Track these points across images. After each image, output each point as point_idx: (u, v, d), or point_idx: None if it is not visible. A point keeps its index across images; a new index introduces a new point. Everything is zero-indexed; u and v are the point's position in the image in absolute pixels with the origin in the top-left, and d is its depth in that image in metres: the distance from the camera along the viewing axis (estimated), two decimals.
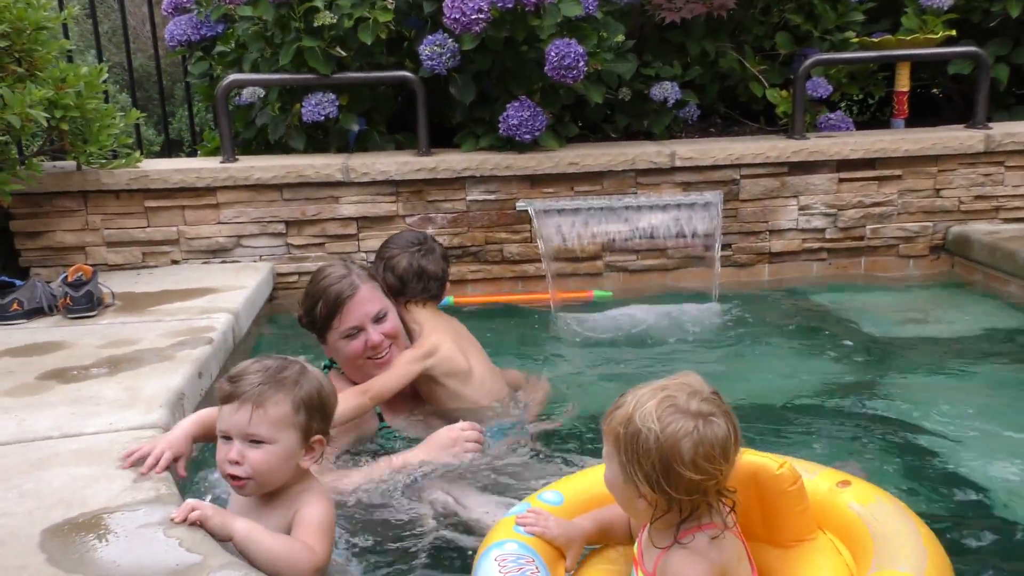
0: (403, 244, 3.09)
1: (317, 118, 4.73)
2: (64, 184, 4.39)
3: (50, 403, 2.68)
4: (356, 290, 2.76)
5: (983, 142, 4.72)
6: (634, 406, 1.64)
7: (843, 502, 1.93)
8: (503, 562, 1.81)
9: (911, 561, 1.73)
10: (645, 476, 1.61)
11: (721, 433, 1.62)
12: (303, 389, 2.01)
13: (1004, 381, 3.50)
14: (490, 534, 1.97)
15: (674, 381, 1.69)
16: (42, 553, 1.83)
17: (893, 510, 1.92)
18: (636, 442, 1.61)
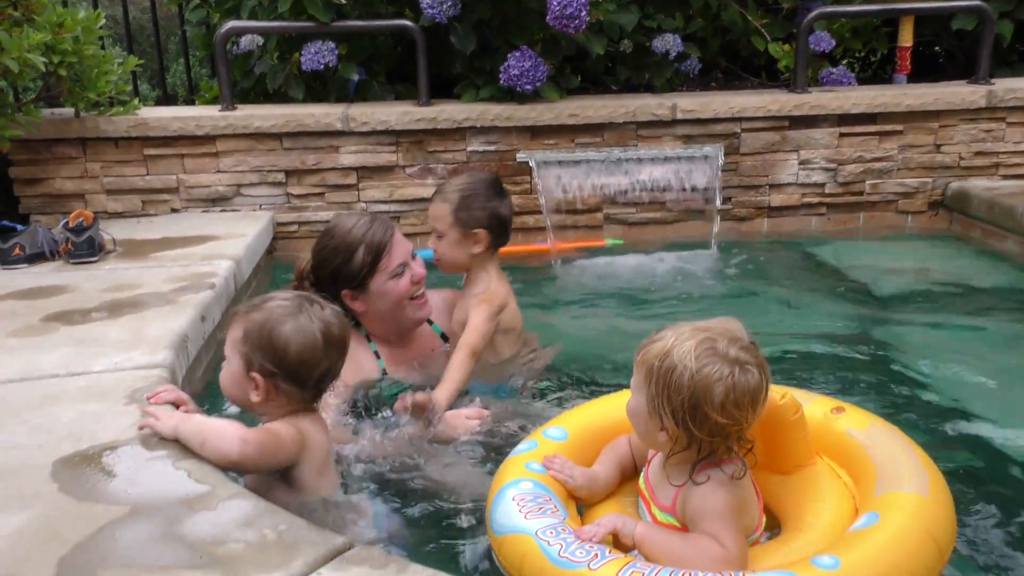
0: (482, 188, 2.93)
1: (316, 67, 4.69)
2: (63, 131, 4.37)
3: (55, 343, 2.69)
4: (392, 230, 2.76)
5: (985, 98, 4.71)
6: (673, 342, 1.67)
7: (839, 428, 1.99)
8: (521, 501, 1.81)
9: (914, 481, 1.78)
10: (672, 411, 1.65)
11: (754, 383, 1.65)
12: (254, 321, 2.03)
13: (999, 334, 3.53)
14: (501, 473, 1.98)
15: (716, 325, 1.71)
16: (54, 482, 1.86)
17: (889, 434, 1.97)
18: (669, 377, 1.64)
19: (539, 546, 1.67)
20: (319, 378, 2.08)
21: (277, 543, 1.62)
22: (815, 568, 1.55)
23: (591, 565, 1.59)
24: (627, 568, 1.57)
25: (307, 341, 2.02)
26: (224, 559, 1.57)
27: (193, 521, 1.70)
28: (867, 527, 1.67)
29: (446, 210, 2.86)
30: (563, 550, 1.63)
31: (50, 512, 1.75)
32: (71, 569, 1.55)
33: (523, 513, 1.77)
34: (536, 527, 1.72)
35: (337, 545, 1.61)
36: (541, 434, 2.09)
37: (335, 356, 2.09)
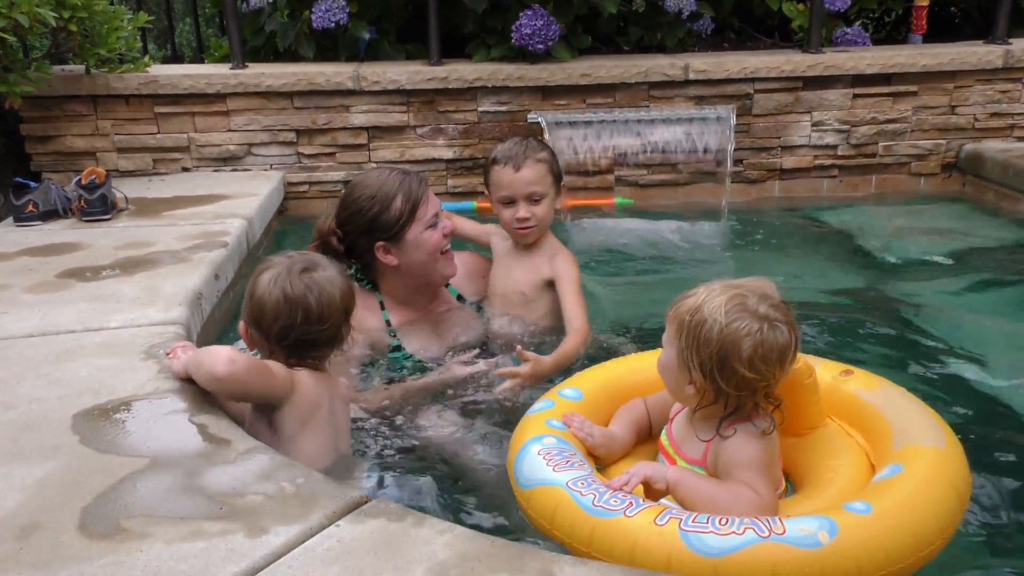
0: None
1: (327, 25, 4.66)
2: (73, 88, 4.36)
3: (71, 300, 2.72)
4: (425, 182, 2.71)
5: (1002, 58, 4.66)
6: (704, 298, 1.71)
7: (850, 390, 2.03)
8: (547, 455, 1.81)
9: (931, 435, 1.83)
10: (700, 364, 1.69)
11: (782, 340, 1.68)
12: (252, 286, 2.06)
13: (1011, 297, 3.53)
14: (520, 431, 1.98)
15: (749, 283, 1.75)
16: (75, 435, 1.89)
17: (899, 394, 2.01)
18: (699, 331, 1.68)
19: (572, 496, 1.67)
20: (279, 334, 2.01)
21: (296, 496, 1.64)
22: (848, 513, 1.59)
23: (627, 512, 1.60)
24: (664, 514, 1.59)
25: (265, 294, 2.01)
26: (243, 511, 1.60)
27: (212, 473, 1.73)
28: (892, 476, 1.71)
29: (544, 170, 2.77)
30: (596, 499, 1.64)
31: (72, 463, 1.78)
32: (94, 518, 1.59)
33: (551, 466, 1.77)
34: (566, 478, 1.72)
35: (355, 498, 1.63)
36: (556, 394, 2.10)
37: (297, 318, 1.98)
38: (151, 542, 1.51)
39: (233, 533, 1.53)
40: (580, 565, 1.44)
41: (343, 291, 2.06)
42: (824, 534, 1.52)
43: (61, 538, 1.53)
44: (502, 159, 2.74)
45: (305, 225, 4.54)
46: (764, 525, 1.54)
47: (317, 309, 1.99)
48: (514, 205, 2.75)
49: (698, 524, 1.55)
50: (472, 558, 1.44)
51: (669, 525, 1.56)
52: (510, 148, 2.76)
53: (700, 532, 1.54)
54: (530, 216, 2.75)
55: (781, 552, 1.50)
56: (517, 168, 2.72)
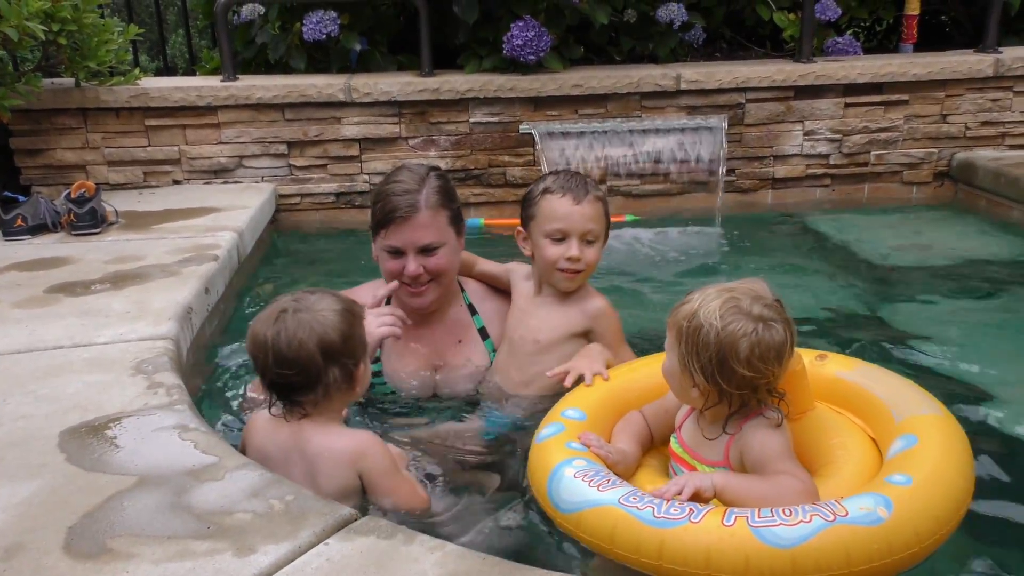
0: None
1: (318, 37, 4.66)
2: (63, 101, 4.34)
3: (59, 315, 2.69)
4: (414, 213, 2.39)
5: (992, 66, 4.67)
6: (700, 303, 1.75)
7: (829, 373, 2.09)
8: (585, 476, 1.76)
9: (926, 404, 1.93)
10: (701, 368, 1.72)
11: (778, 338, 1.72)
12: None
13: (1003, 305, 3.53)
14: (541, 457, 1.90)
15: (741, 285, 1.78)
16: (62, 453, 1.87)
17: (880, 371, 2.10)
18: (697, 336, 1.72)
19: (629, 513, 1.64)
20: (259, 373, 1.94)
21: (284, 513, 1.62)
22: (894, 486, 1.64)
23: (692, 519, 1.59)
24: (729, 514, 1.58)
25: (249, 332, 1.94)
26: (232, 529, 1.58)
27: (200, 491, 1.71)
28: (913, 447, 1.77)
29: (603, 210, 2.43)
30: (656, 511, 1.62)
31: (58, 482, 1.75)
32: (80, 538, 1.56)
33: (595, 487, 1.73)
34: (616, 496, 1.69)
35: (344, 515, 1.61)
36: (561, 415, 2.05)
37: (269, 360, 1.88)
38: (137, 562, 1.49)
39: (221, 552, 1.51)
40: None
41: (322, 335, 1.87)
42: (883, 509, 1.57)
43: (45, 559, 1.51)
44: (558, 188, 2.38)
45: (297, 236, 4.54)
46: (827, 509, 1.57)
47: (287, 352, 1.86)
48: (565, 242, 2.38)
49: (765, 518, 1.56)
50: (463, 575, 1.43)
51: (738, 524, 1.57)
52: (567, 179, 2.41)
53: (770, 526, 1.55)
54: (582, 257, 2.39)
55: (849, 533, 1.54)
56: (578, 201, 2.36)
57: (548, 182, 2.44)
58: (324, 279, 3.90)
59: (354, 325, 1.96)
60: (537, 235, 2.43)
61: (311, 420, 1.93)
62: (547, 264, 2.42)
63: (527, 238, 2.48)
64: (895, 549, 1.56)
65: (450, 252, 2.50)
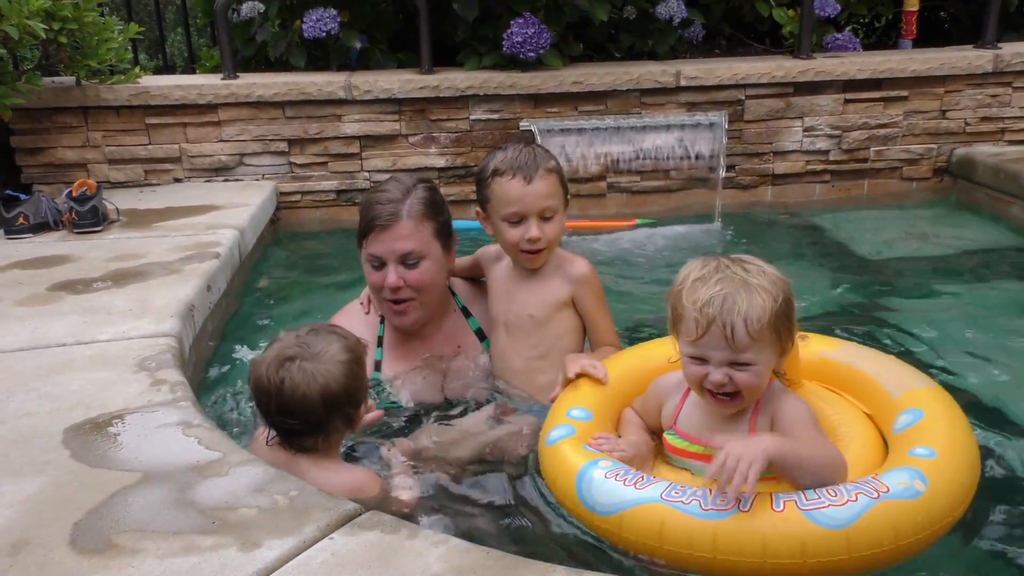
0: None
1: (318, 34, 4.66)
2: (64, 99, 4.35)
3: (62, 312, 2.70)
4: (395, 222, 2.37)
5: (991, 62, 4.67)
6: (757, 285, 1.74)
7: (812, 352, 2.12)
8: (617, 476, 1.73)
9: (918, 378, 1.98)
10: (791, 331, 1.79)
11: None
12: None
13: (1003, 300, 3.53)
14: (559, 462, 1.85)
15: (725, 260, 1.81)
16: (66, 449, 1.87)
17: (863, 349, 2.15)
18: (790, 305, 1.76)
19: (676, 508, 1.62)
20: (262, 415, 1.98)
21: (289, 508, 1.63)
22: (922, 459, 1.69)
23: (742, 508, 1.59)
24: (777, 500, 1.59)
25: (252, 376, 1.96)
26: (236, 524, 1.59)
27: (205, 487, 1.72)
28: (921, 420, 1.83)
29: (556, 181, 2.35)
30: (703, 504, 1.61)
31: (63, 478, 1.76)
32: (85, 534, 1.57)
33: (632, 485, 1.69)
34: (658, 492, 1.66)
35: (348, 511, 1.62)
36: (566, 416, 2.00)
37: (272, 407, 1.91)
38: (143, 557, 1.50)
39: (226, 547, 1.52)
40: (575, 574, 1.43)
41: (326, 385, 1.89)
42: (919, 483, 1.62)
43: (52, 554, 1.52)
44: (507, 169, 2.31)
45: (298, 234, 4.55)
46: (869, 487, 1.61)
47: (290, 403, 1.88)
48: (523, 223, 2.33)
49: (813, 501, 1.58)
50: (467, 570, 1.43)
51: (789, 509, 1.58)
52: (515, 157, 2.33)
53: (820, 508, 1.57)
54: (541, 236, 2.33)
55: (895, 508, 1.58)
56: (528, 180, 2.29)
57: (497, 161, 2.35)
58: (324, 276, 3.90)
59: (358, 375, 1.97)
60: (495, 218, 2.38)
61: (308, 456, 1.95)
62: (509, 246, 2.39)
63: (487, 219, 2.43)
64: (935, 519, 1.61)
65: (434, 266, 2.43)
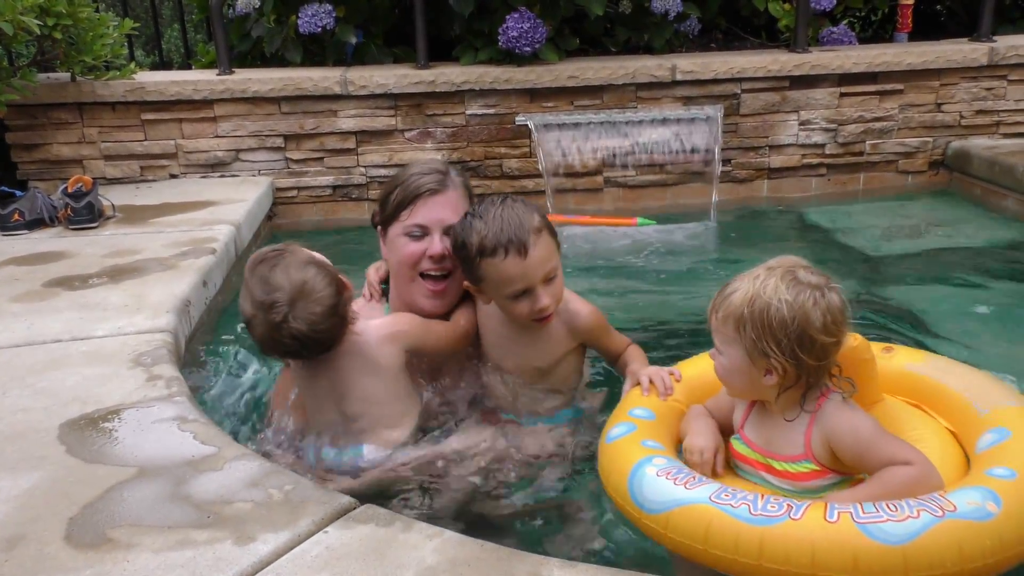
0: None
1: (314, 30, 4.65)
2: (59, 95, 4.34)
3: (57, 308, 2.71)
4: (444, 189, 2.27)
5: (986, 55, 4.68)
6: (755, 286, 1.70)
7: (898, 366, 2.04)
8: (669, 475, 1.68)
9: (1010, 396, 1.87)
10: (778, 345, 1.67)
11: (839, 300, 1.71)
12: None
13: (998, 293, 3.54)
14: (615, 457, 1.81)
15: (779, 262, 1.76)
16: (61, 445, 1.88)
17: (951, 363, 2.04)
18: (767, 316, 1.67)
19: (723, 511, 1.56)
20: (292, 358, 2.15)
21: (284, 502, 1.64)
22: (998, 480, 1.59)
23: (792, 516, 1.52)
24: (831, 510, 1.52)
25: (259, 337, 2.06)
26: (231, 518, 1.59)
27: (200, 481, 1.72)
28: (1007, 440, 1.72)
29: (548, 237, 2.14)
30: (752, 508, 1.55)
31: (58, 473, 1.77)
32: (80, 528, 1.58)
33: (682, 484, 1.64)
34: (707, 494, 1.60)
35: (343, 504, 1.63)
36: (629, 415, 1.96)
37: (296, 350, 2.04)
38: (138, 552, 1.50)
39: (221, 541, 1.52)
40: (569, 567, 1.43)
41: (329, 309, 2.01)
42: (991, 504, 1.52)
43: (47, 549, 1.52)
44: (497, 247, 2.06)
45: (294, 231, 4.55)
46: (934, 504, 1.52)
47: (307, 340, 2.01)
48: (529, 295, 2.12)
49: (870, 514, 1.50)
50: (461, 563, 1.44)
51: (843, 520, 1.50)
52: (499, 229, 2.06)
53: (877, 522, 1.48)
54: (551, 301, 2.14)
55: (961, 528, 1.49)
56: (523, 253, 2.06)
57: (481, 237, 2.08)
58: None
59: (340, 288, 2.08)
60: (498, 297, 2.17)
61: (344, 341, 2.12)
62: (521, 319, 2.18)
63: (480, 292, 2.22)
64: (1007, 544, 1.51)
65: None
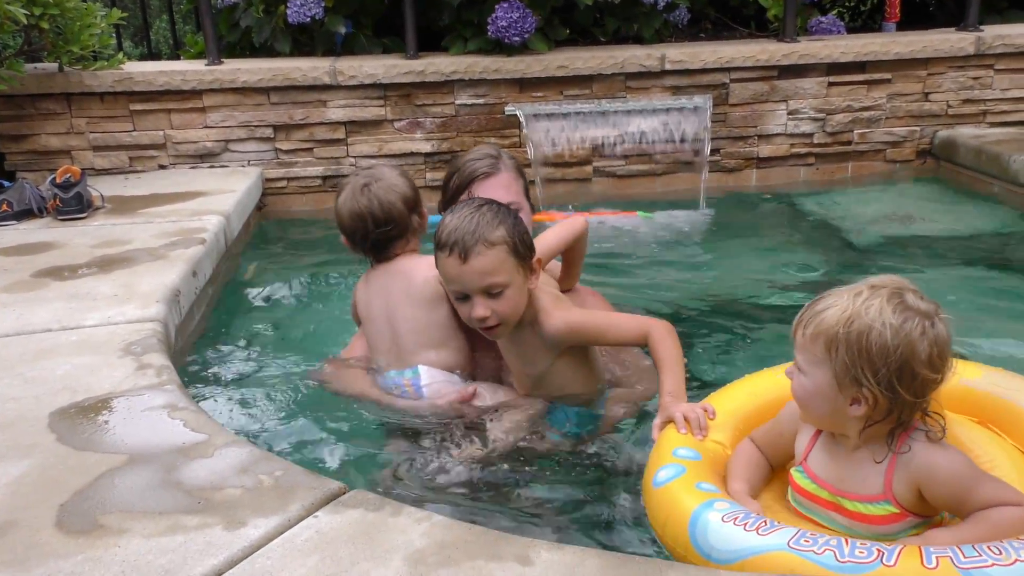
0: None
1: (303, 20, 4.65)
2: (47, 86, 4.33)
3: (47, 299, 2.70)
4: (498, 171, 2.48)
5: (973, 44, 4.70)
6: (856, 305, 1.53)
7: (953, 381, 1.80)
8: (737, 520, 1.54)
9: None
10: (874, 374, 1.50)
11: (947, 333, 1.53)
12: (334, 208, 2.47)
13: (984, 280, 3.57)
14: (671, 503, 1.66)
15: (885, 280, 1.58)
16: (52, 433, 1.89)
17: (1011, 376, 1.90)
18: (866, 340, 1.50)
19: (806, 559, 1.42)
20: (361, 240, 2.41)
21: (274, 488, 1.65)
22: None
23: (885, 562, 1.38)
24: (928, 555, 1.38)
25: (340, 213, 2.41)
26: (221, 504, 1.60)
27: (190, 468, 1.73)
28: None
29: (503, 254, 2.05)
30: (838, 555, 1.41)
31: (49, 461, 1.77)
32: (71, 515, 1.58)
33: (753, 530, 1.51)
34: (784, 540, 1.46)
35: (333, 489, 1.64)
36: (673, 455, 1.79)
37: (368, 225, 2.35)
38: (129, 537, 1.51)
39: (211, 527, 1.53)
40: (556, 550, 1.45)
41: (402, 192, 2.38)
42: None
43: (38, 536, 1.53)
44: (445, 244, 2.03)
45: (284, 220, 4.56)
46: None
47: (381, 212, 2.34)
48: (468, 301, 2.07)
49: (972, 559, 1.36)
50: (449, 545, 1.45)
51: (943, 567, 1.35)
52: (455, 227, 2.03)
53: (982, 567, 1.34)
54: (489, 315, 2.05)
55: None
56: (464, 258, 2.01)
57: (440, 230, 2.07)
58: (312, 261, 3.91)
59: (414, 186, 2.45)
60: (447, 289, 2.19)
61: (400, 257, 2.42)
62: (465, 321, 2.16)
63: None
64: None
65: (526, 218, 2.39)
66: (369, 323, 2.45)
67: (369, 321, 2.45)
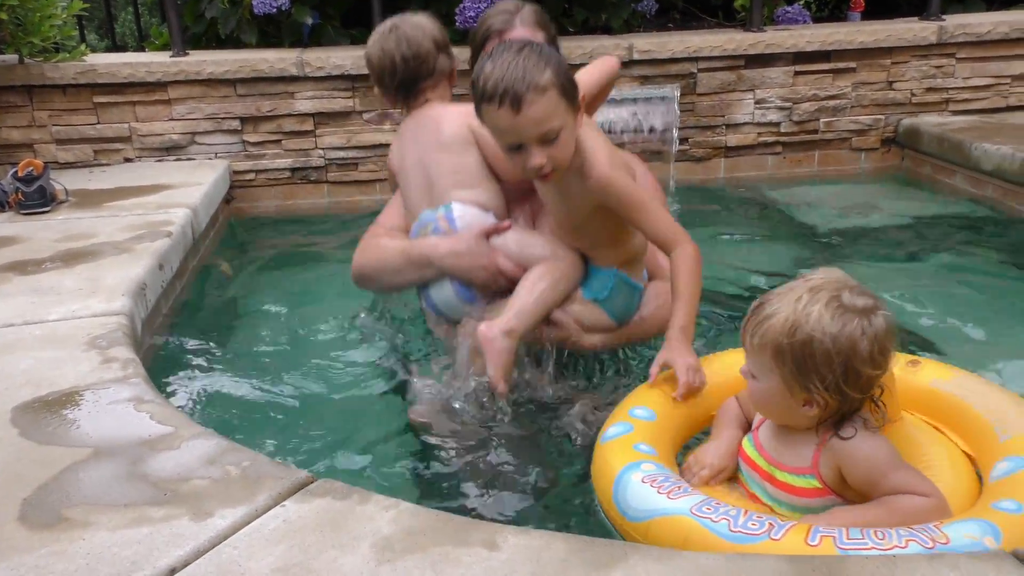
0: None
1: (269, 11, 4.61)
2: (7, 78, 4.26)
3: (9, 293, 2.67)
4: (509, 28, 2.51)
5: (936, 34, 4.76)
6: (796, 312, 1.56)
7: (923, 381, 1.93)
8: (654, 482, 1.62)
9: None
10: (822, 381, 1.56)
11: (887, 324, 1.58)
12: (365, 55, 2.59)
13: (945, 266, 3.62)
14: (606, 460, 1.76)
15: (823, 280, 1.61)
16: (14, 428, 1.86)
17: (982, 383, 1.92)
18: (809, 349, 1.54)
19: (702, 525, 1.50)
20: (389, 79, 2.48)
21: (241, 478, 1.64)
22: (1002, 513, 1.50)
23: (772, 535, 1.45)
24: (813, 533, 1.44)
25: (369, 55, 2.49)
26: (188, 495, 1.60)
27: (156, 460, 1.72)
28: (1022, 470, 1.62)
29: (555, 98, 1.97)
30: (732, 524, 1.48)
31: (11, 456, 1.75)
32: (35, 509, 1.57)
33: (664, 494, 1.59)
34: (688, 505, 1.55)
35: (300, 479, 1.63)
36: (628, 414, 1.89)
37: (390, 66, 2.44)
38: (94, 530, 1.50)
39: (178, 518, 1.53)
40: (523, 534, 1.46)
41: (430, 33, 2.46)
42: (990, 539, 1.42)
43: (1, 530, 1.51)
44: (493, 95, 1.93)
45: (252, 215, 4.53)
46: (925, 535, 1.42)
47: (409, 50, 2.42)
48: (523, 150, 2.01)
49: (855, 540, 1.41)
50: (417, 532, 1.46)
51: (824, 545, 1.41)
52: (500, 76, 1.93)
53: (861, 550, 1.38)
54: (545, 162, 2.00)
55: None
56: (517, 108, 1.93)
57: (483, 80, 1.96)
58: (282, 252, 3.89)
59: (443, 29, 2.53)
60: (497, 142, 2.09)
61: (431, 104, 2.49)
62: (518, 172, 2.10)
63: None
64: None
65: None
66: (403, 173, 2.52)
67: (403, 172, 2.52)
